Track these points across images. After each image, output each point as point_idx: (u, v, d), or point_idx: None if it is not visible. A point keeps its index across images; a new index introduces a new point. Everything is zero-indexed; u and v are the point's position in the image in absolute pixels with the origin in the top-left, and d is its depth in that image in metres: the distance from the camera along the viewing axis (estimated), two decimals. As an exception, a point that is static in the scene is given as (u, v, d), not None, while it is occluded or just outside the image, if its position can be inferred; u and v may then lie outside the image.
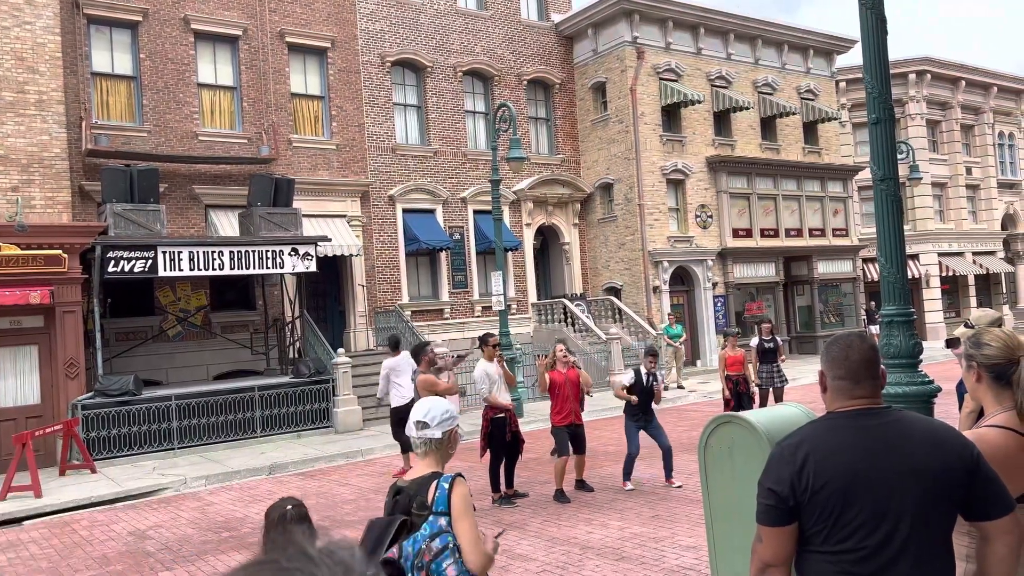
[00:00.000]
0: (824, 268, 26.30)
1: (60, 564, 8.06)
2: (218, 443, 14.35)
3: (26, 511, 10.45)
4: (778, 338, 13.70)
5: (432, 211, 20.88)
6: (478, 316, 21.20)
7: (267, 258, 15.19)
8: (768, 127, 25.86)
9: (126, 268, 13.66)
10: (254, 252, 15.04)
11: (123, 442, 13.60)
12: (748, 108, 24.33)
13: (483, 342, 9.90)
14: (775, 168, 25.10)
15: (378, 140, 20.11)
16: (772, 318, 21.56)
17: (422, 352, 9.42)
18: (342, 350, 16.56)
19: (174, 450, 13.93)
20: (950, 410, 5.41)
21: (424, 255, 20.92)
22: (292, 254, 15.46)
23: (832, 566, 2.31)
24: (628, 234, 22.59)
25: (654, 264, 22.30)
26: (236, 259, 14.80)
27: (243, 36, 18.13)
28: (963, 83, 31.28)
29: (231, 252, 14.78)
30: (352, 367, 15.90)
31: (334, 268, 19.23)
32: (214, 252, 14.59)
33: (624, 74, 22.54)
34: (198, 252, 14.39)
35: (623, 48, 22.60)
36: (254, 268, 15.12)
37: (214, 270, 14.64)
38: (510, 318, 18.41)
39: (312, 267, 15.83)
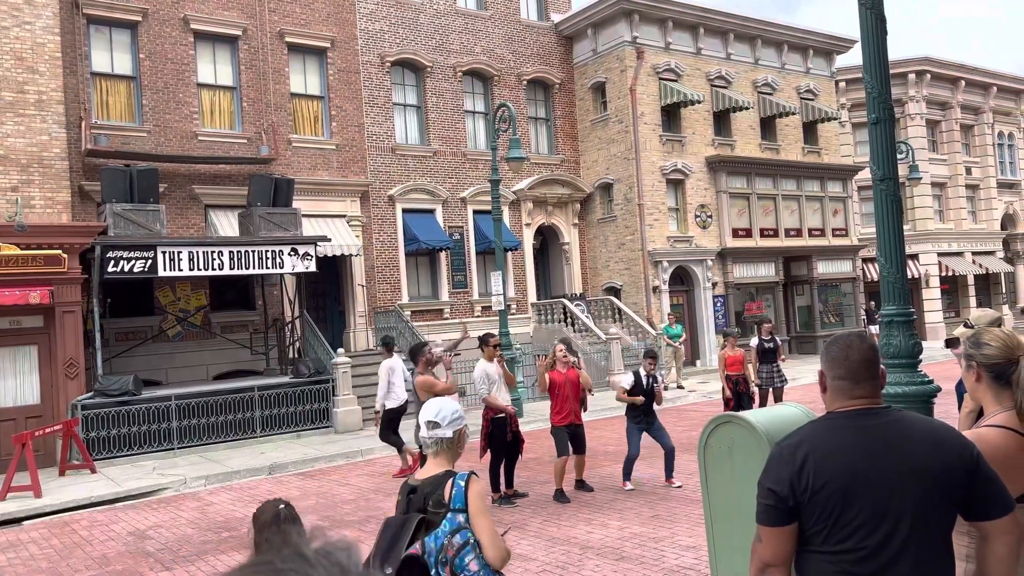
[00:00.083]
0: (824, 268, 26.30)
1: (60, 564, 8.06)
2: (218, 443, 14.36)
3: (26, 511, 10.44)
4: (777, 338, 13.71)
5: (432, 211, 20.88)
6: (478, 316, 21.20)
7: (267, 258, 15.19)
8: (768, 127, 25.86)
9: (126, 268, 13.66)
10: (254, 252, 15.05)
11: (123, 442, 13.60)
12: (748, 108, 24.33)
13: (483, 342, 9.81)
14: (775, 168, 25.10)
15: (378, 140, 20.11)
16: (772, 318, 21.56)
17: (419, 353, 9.27)
18: (342, 350, 16.56)
19: (174, 450, 13.93)
20: (950, 410, 5.41)
21: (424, 255, 20.92)
22: (292, 254, 15.47)
23: (832, 566, 2.31)
24: (628, 234, 22.59)
25: (654, 264, 22.30)
26: (236, 259, 14.81)
27: (243, 36, 18.13)
28: (963, 83, 31.28)
29: (231, 252, 14.78)
30: (352, 367, 15.90)
31: (334, 268, 19.23)
32: (214, 252, 14.59)
33: (624, 74, 22.54)
34: (198, 252, 14.39)
35: (623, 48, 22.60)
36: (254, 268, 15.13)
37: (214, 270, 14.65)
38: (510, 318, 18.41)
39: (312, 267, 15.84)
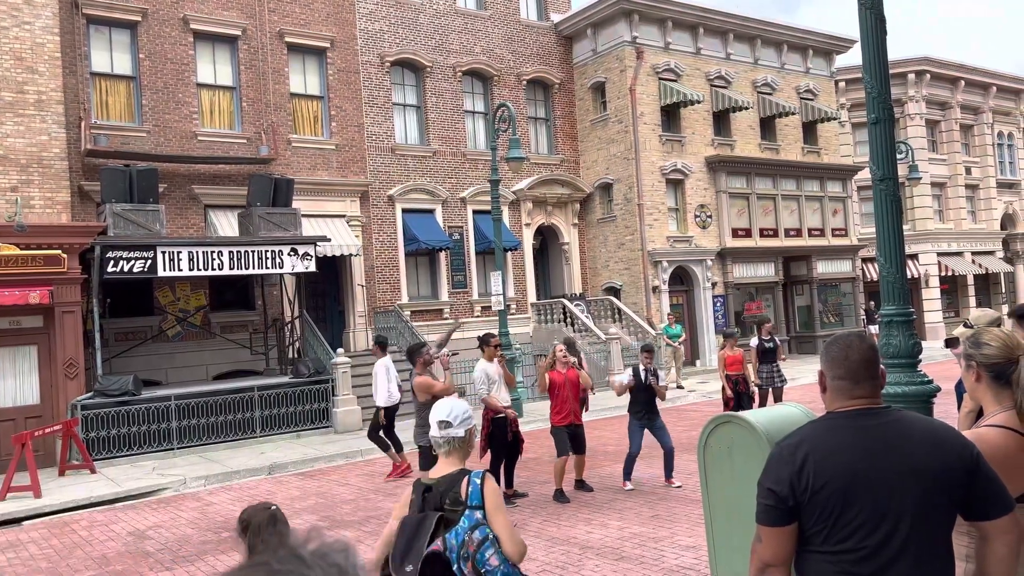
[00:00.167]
0: (823, 268, 26.30)
1: (60, 564, 8.06)
2: (218, 443, 14.36)
3: (25, 511, 10.44)
4: (777, 338, 13.72)
5: (431, 211, 20.87)
6: (477, 316, 21.20)
7: (266, 258, 15.19)
8: (767, 127, 25.87)
9: (125, 268, 13.66)
10: (253, 252, 15.04)
11: (123, 442, 13.60)
12: (747, 108, 24.33)
13: (484, 342, 9.75)
14: (774, 168, 25.10)
15: (377, 140, 20.11)
16: (771, 318, 21.57)
17: (417, 354, 9.15)
18: (341, 350, 16.56)
19: (174, 450, 13.93)
20: (949, 410, 5.41)
21: (423, 255, 20.91)
22: (291, 254, 15.47)
23: (832, 566, 2.31)
24: (627, 234, 22.59)
25: (653, 264, 22.30)
26: (235, 259, 14.80)
27: (242, 36, 18.13)
28: (962, 83, 31.28)
29: (230, 252, 14.78)
30: (351, 367, 15.90)
31: (333, 268, 19.23)
32: (213, 252, 14.59)
33: (623, 74, 22.54)
34: (197, 252, 14.39)
35: (622, 48, 22.60)
36: (253, 268, 15.13)
37: (213, 270, 14.65)
38: (509, 318, 18.41)
39: (311, 267, 15.84)
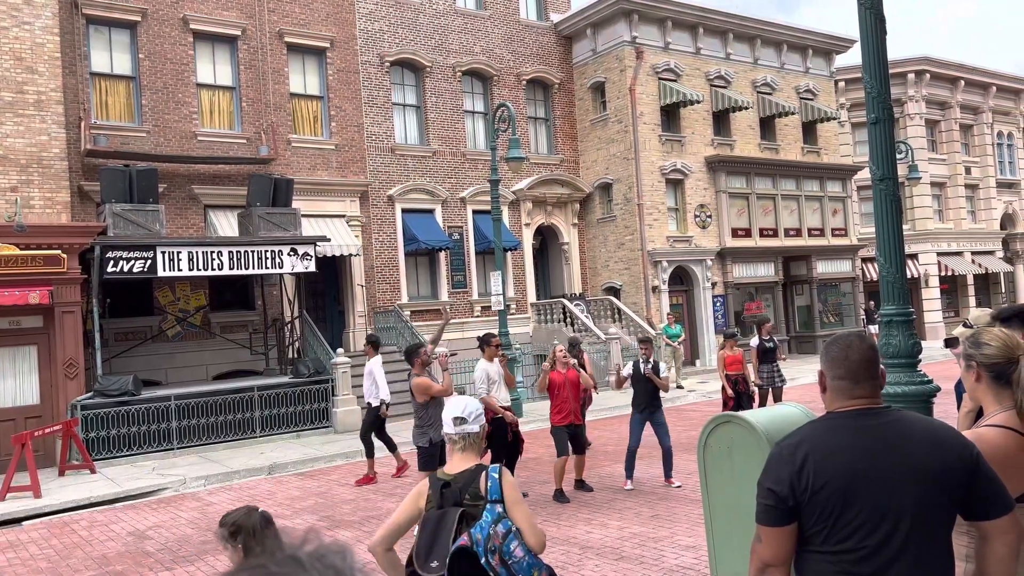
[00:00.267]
0: (823, 268, 26.30)
1: (60, 564, 8.06)
2: (217, 443, 14.36)
3: (25, 511, 10.45)
4: (775, 338, 13.75)
5: (431, 211, 20.87)
6: (477, 316, 21.20)
7: (266, 258, 15.19)
8: (767, 127, 25.86)
9: (125, 268, 13.66)
10: (253, 252, 15.05)
11: (122, 442, 13.60)
12: (747, 108, 24.33)
13: (485, 342, 9.65)
14: (774, 168, 25.10)
15: (377, 140, 20.10)
16: (771, 318, 21.56)
17: (415, 354, 9.01)
18: (341, 350, 16.56)
19: (173, 450, 13.93)
20: (949, 409, 5.41)
21: (423, 255, 20.91)
22: (291, 254, 15.47)
23: (832, 566, 2.31)
24: (627, 234, 22.59)
25: (653, 264, 22.30)
26: (235, 259, 14.81)
27: (242, 36, 18.12)
28: (962, 83, 31.28)
29: (230, 252, 14.78)
30: (351, 367, 15.90)
31: (333, 268, 19.23)
32: (213, 252, 14.59)
33: (623, 74, 22.54)
34: (197, 252, 14.39)
35: (622, 48, 22.60)
36: (253, 268, 15.13)
37: (213, 270, 14.65)
38: (509, 318, 18.41)
39: (311, 267, 15.84)
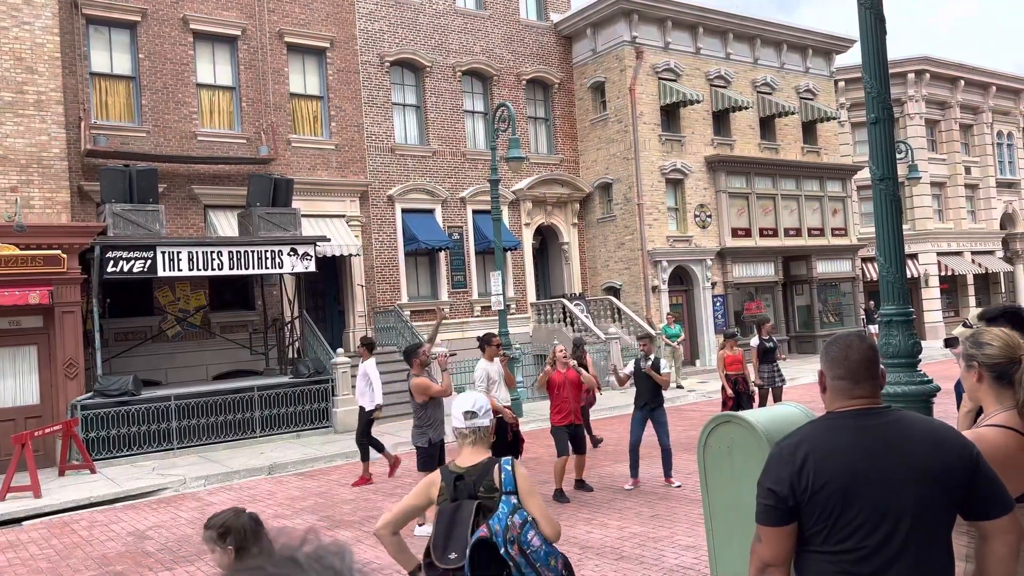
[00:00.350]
0: (823, 268, 26.30)
1: (60, 564, 8.06)
2: (217, 443, 14.36)
3: (26, 511, 10.45)
4: (774, 338, 13.78)
5: (431, 211, 20.87)
6: (477, 316, 21.20)
7: (266, 258, 15.19)
8: (767, 127, 25.86)
9: (125, 268, 13.66)
10: (253, 252, 15.04)
11: (122, 442, 13.60)
12: (747, 108, 24.32)
13: (485, 342, 9.60)
14: (774, 168, 25.09)
15: (377, 140, 20.10)
16: (771, 318, 21.57)
17: (413, 355, 8.95)
18: (341, 350, 16.56)
19: (173, 450, 13.93)
20: (949, 409, 5.41)
21: (423, 255, 20.91)
22: (291, 254, 15.47)
23: (832, 566, 2.31)
24: (627, 234, 22.59)
25: (653, 264, 22.30)
26: (235, 259, 14.80)
27: (242, 36, 18.12)
28: (962, 83, 31.28)
29: (230, 252, 14.78)
30: (351, 367, 15.87)
31: (333, 268, 19.23)
32: (213, 252, 14.59)
33: (623, 74, 22.54)
34: (197, 252, 14.39)
35: (622, 48, 22.60)
36: (253, 268, 15.13)
37: (213, 270, 14.65)
38: (509, 318, 18.41)
39: (311, 267, 15.84)
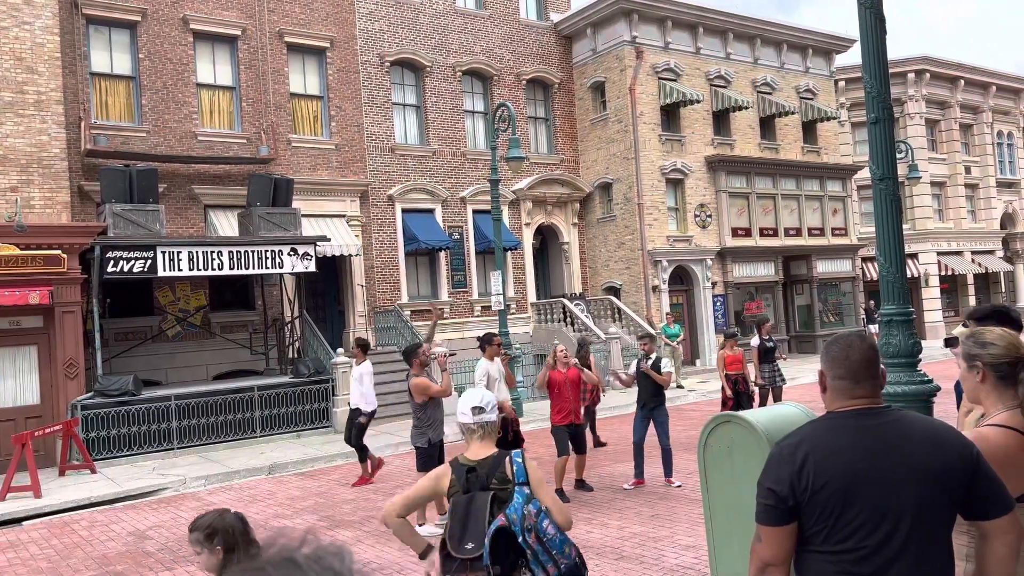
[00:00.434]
0: (823, 267, 26.30)
1: (60, 564, 8.06)
2: (218, 443, 14.36)
3: (26, 511, 10.45)
4: (774, 338, 13.80)
5: (431, 211, 20.87)
6: (477, 316, 21.20)
7: (266, 258, 15.19)
8: (767, 126, 25.86)
9: (125, 268, 13.65)
10: (253, 252, 15.04)
11: (123, 442, 13.60)
12: (747, 107, 24.32)
13: (486, 341, 9.58)
14: (774, 167, 25.09)
15: (377, 140, 20.10)
16: (771, 317, 21.57)
17: (413, 355, 8.94)
18: (341, 350, 16.56)
19: (174, 450, 13.93)
20: (949, 409, 5.42)
21: (423, 255, 20.91)
22: (291, 254, 15.47)
23: (832, 566, 2.31)
24: (627, 233, 22.59)
25: (653, 263, 22.30)
26: (235, 259, 14.80)
27: (242, 36, 18.12)
28: (962, 82, 31.28)
29: (230, 252, 14.78)
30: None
31: (333, 268, 19.23)
32: (213, 252, 14.59)
33: (623, 74, 22.53)
34: (197, 252, 14.39)
35: (622, 48, 22.60)
36: (253, 268, 15.13)
37: (213, 270, 14.65)
38: (509, 318, 18.41)
39: (311, 267, 15.83)
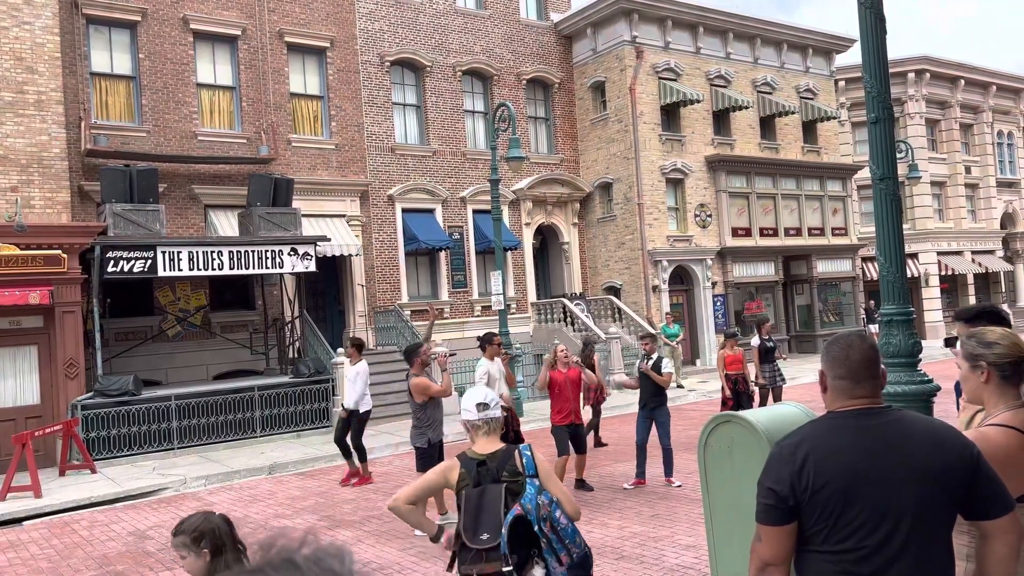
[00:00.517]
0: (823, 267, 26.30)
1: (60, 564, 8.06)
2: (218, 443, 14.36)
3: (26, 511, 10.45)
4: (774, 337, 13.81)
5: (431, 211, 20.86)
6: (477, 316, 21.20)
7: (266, 258, 15.19)
8: (767, 126, 25.85)
9: (126, 268, 13.66)
10: (253, 252, 15.04)
11: (123, 442, 13.60)
12: (747, 107, 24.31)
13: (486, 341, 9.58)
14: (774, 167, 25.09)
15: (377, 140, 20.10)
16: (771, 317, 21.57)
17: (414, 354, 8.87)
18: (341, 350, 16.51)
19: (174, 450, 13.93)
20: (949, 409, 5.42)
21: (423, 255, 20.91)
22: (291, 254, 15.46)
23: (832, 565, 2.31)
24: (627, 233, 22.59)
25: (653, 263, 22.30)
26: (235, 259, 14.80)
27: (242, 36, 18.11)
28: (962, 82, 31.27)
29: (230, 252, 14.78)
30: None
31: (333, 268, 19.23)
32: (213, 252, 14.59)
33: (623, 73, 22.53)
34: (197, 252, 14.39)
35: (622, 47, 22.59)
36: (253, 268, 15.13)
37: (214, 270, 14.65)
38: (509, 318, 18.40)
39: (311, 267, 15.83)
